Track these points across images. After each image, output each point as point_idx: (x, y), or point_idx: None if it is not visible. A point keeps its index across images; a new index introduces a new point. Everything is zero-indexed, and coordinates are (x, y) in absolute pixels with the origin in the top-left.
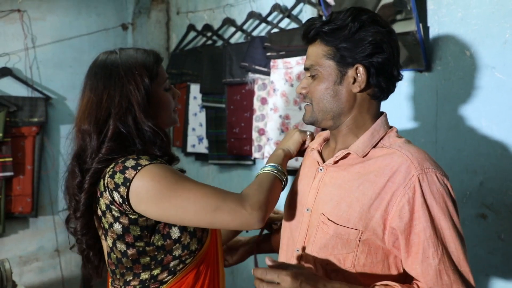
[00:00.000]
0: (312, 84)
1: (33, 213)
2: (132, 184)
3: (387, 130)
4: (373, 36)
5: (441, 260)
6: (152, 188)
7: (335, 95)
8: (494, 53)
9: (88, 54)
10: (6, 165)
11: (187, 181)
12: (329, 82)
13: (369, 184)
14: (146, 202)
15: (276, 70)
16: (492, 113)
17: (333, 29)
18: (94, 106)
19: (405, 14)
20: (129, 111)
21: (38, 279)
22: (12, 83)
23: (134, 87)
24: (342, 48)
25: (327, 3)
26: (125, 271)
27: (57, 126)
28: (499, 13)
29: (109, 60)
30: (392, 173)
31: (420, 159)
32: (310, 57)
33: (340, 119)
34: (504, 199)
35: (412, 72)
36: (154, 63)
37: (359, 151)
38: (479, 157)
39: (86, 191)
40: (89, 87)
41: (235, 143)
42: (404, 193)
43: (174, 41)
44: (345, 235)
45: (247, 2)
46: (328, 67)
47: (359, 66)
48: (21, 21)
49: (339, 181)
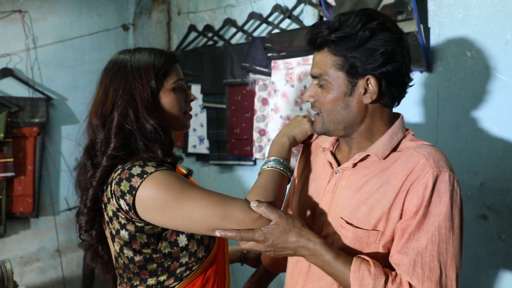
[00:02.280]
0: (321, 94)
1: (34, 214)
2: (138, 193)
3: (404, 132)
4: (384, 45)
5: (421, 253)
6: (157, 197)
7: (346, 106)
8: (495, 54)
9: (89, 54)
10: (8, 165)
11: (193, 189)
12: (339, 93)
13: (388, 186)
14: (152, 211)
15: (277, 71)
16: (493, 114)
17: (342, 38)
18: (102, 100)
19: (406, 15)
20: (131, 105)
21: (39, 279)
22: (13, 84)
23: (138, 82)
24: (351, 58)
25: (328, 3)
26: (132, 276)
27: (58, 127)
28: (500, 14)
29: (121, 57)
30: (409, 172)
31: (436, 159)
32: (318, 65)
33: (353, 128)
34: (505, 199)
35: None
36: (165, 62)
37: (379, 153)
38: (480, 157)
39: (94, 187)
40: (99, 83)
41: (236, 144)
42: (417, 190)
43: (175, 42)
44: (364, 238)
45: (248, 2)
46: (338, 78)
47: (370, 77)
48: (22, 21)
49: (357, 185)
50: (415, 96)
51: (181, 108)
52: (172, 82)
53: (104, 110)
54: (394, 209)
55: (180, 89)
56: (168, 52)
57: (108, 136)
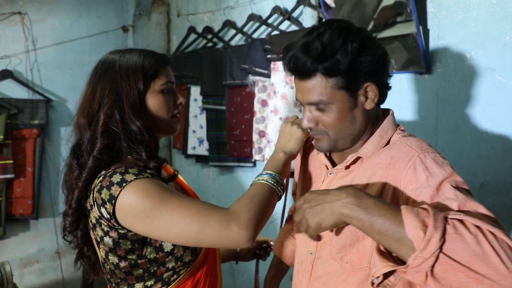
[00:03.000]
0: (323, 117)
1: (34, 215)
2: (117, 202)
3: (395, 128)
4: (374, 52)
5: (461, 202)
6: (136, 206)
7: (353, 119)
8: (494, 55)
9: (88, 56)
10: (7, 167)
11: (173, 199)
12: (344, 110)
13: (374, 177)
14: (131, 220)
15: (277, 72)
16: (492, 115)
17: (334, 62)
18: (89, 99)
19: (405, 17)
20: (117, 105)
21: (38, 281)
22: (12, 86)
23: (126, 82)
24: (347, 75)
25: (327, 5)
26: (119, 281)
27: (58, 128)
28: (499, 16)
29: (110, 57)
30: (391, 159)
31: (419, 144)
32: (313, 92)
33: (359, 137)
34: (504, 201)
35: (412, 75)
36: (154, 63)
37: (369, 154)
38: (480, 159)
39: (80, 188)
40: (88, 82)
41: (236, 145)
42: (406, 173)
43: (175, 43)
44: (359, 232)
45: (248, 4)
46: (340, 97)
47: (370, 84)
48: (22, 23)
49: (346, 181)
50: (415, 97)
51: (169, 111)
52: (160, 84)
53: (91, 110)
54: (384, 196)
55: (169, 91)
56: (159, 54)
57: (94, 136)
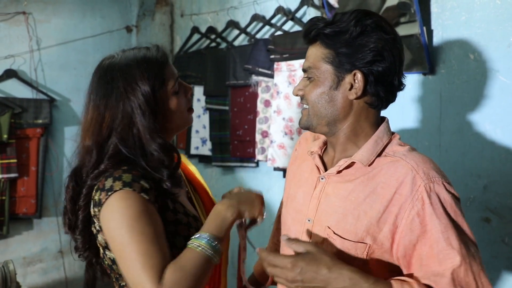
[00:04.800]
0: (308, 87)
1: (37, 214)
2: (102, 209)
3: (390, 136)
4: (375, 42)
5: (455, 270)
6: (108, 221)
7: (330, 100)
8: (498, 56)
9: (92, 56)
10: (11, 166)
11: (137, 232)
12: (324, 86)
13: (375, 196)
14: (103, 230)
15: (280, 73)
16: (496, 117)
17: (335, 32)
18: (97, 124)
19: (409, 17)
20: (131, 130)
21: (41, 280)
22: (17, 85)
23: (135, 104)
24: (341, 52)
25: (330, 5)
26: (118, 276)
27: (62, 128)
28: (502, 17)
29: (109, 70)
30: (399, 184)
31: (426, 169)
32: (309, 58)
33: (336, 126)
34: (508, 203)
35: (415, 75)
36: (158, 67)
37: (364, 160)
38: (483, 160)
39: (82, 209)
40: (93, 104)
41: (239, 145)
42: (412, 206)
43: (178, 43)
44: (352, 250)
45: (251, 4)
46: (326, 71)
47: (357, 72)
48: (26, 23)
49: (343, 192)
50: (418, 98)
51: (185, 108)
52: (171, 87)
53: (101, 135)
54: (383, 223)
55: (180, 89)
56: (158, 54)
57: (99, 159)
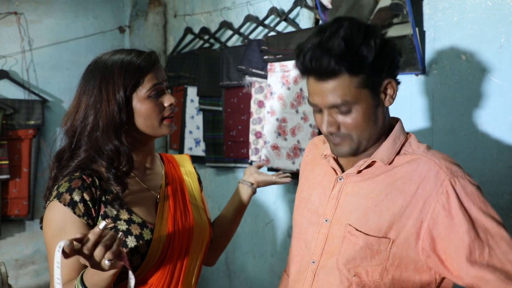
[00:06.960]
0: (346, 119)
1: (30, 216)
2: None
3: (406, 135)
4: (394, 47)
5: (490, 261)
6: (44, 228)
7: (375, 119)
8: (490, 57)
9: (85, 56)
10: (2, 168)
11: (52, 247)
12: (370, 110)
13: (397, 192)
14: None
15: (273, 73)
16: (488, 117)
17: (359, 56)
18: (74, 113)
19: (402, 18)
20: (96, 126)
21: (34, 282)
22: (8, 86)
23: (105, 101)
24: (372, 72)
25: (324, 6)
26: None
27: (54, 129)
28: (494, 18)
29: (94, 66)
30: (421, 180)
31: (448, 164)
32: (336, 92)
33: (378, 138)
34: (500, 202)
35: (408, 76)
36: (136, 70)
37: (385, 159)
38: (475, 160)
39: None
40: (75, 94)
41: (232, 146)
42: (437, 199)
43: (171, 44)
44: (375, 246)
45: (244, 5)
46: (364, 96)
47: (390, 81)
48: (18, 23)
49: (363, 191)
50: (411, 99)
51: (158, 116)
52: (146, 90)
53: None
54: (407, 218)
55: (157, 95)
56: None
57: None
